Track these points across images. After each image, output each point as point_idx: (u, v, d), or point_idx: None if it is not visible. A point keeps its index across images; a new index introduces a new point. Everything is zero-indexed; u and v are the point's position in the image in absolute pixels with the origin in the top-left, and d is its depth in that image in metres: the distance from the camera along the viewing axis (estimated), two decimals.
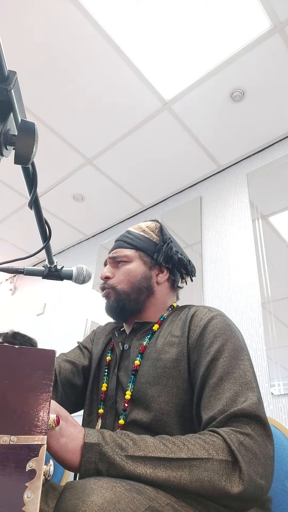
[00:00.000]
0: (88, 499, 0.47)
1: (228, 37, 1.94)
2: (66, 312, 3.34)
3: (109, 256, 0.98)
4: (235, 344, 0.75)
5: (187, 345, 0.79)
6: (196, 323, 0.81)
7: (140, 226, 1.01)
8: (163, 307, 0.94)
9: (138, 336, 0.89)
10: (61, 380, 0.91)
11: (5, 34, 2.00)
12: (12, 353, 0.44)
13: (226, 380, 0.69)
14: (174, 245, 0.97)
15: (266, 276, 2.09)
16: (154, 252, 0.95)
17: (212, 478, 0.57)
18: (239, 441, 0.60)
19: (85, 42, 2.02)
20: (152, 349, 0.83)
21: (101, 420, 0.83)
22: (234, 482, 0.57)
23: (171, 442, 0.61)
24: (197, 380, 0.74)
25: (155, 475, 0.57)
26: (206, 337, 0.77)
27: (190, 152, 2.62)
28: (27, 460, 0.39)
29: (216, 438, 0.61)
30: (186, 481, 0.57)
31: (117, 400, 0.83)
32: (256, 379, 0.72)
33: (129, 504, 0.49)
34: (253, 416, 0.64)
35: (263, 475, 0.60)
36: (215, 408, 0.66)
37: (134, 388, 0.80)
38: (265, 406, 1.75)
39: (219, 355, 0.73)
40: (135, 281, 0.91)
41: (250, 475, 0.58)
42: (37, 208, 0.71)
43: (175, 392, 0.75)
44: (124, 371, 0.86)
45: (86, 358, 0.99)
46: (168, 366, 0.77)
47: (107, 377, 0.89)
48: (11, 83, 0.48)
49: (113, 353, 0.93)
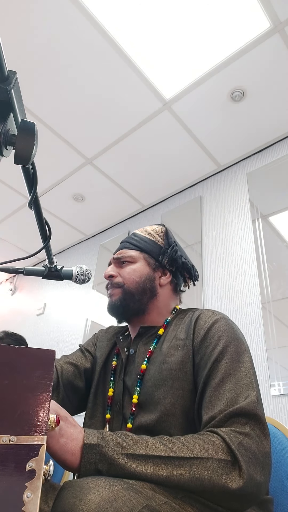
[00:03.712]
0: (85, 497, 0.47)
1: (228, 37, 1.94)
2: (66, 312, 3.34)
3: (113, 256, 0.99)
4: (237, 346, 0.77)
5: (192, 347, 0.80)
6: (201, 326, 0.82)
7: (146, 229, 1.03)
8: (166, 310, 0.95)
9: (144, 340, 0.90)
10: (63, 382, 0.91)
11: (5, 34, 2.00)
12: (12, 353, 0.44)
13: (228, 381, 0.70)
14: (178, 249, 0.99)
15: (266, 276, 2.09)
16: (158, 255, 0.96)
17: (212, 477, 0.58)
18: (238, 441, 0.61)
19: (85, 42, 2.02)
20: (158, 353, 0.84)
21: (108, 425, 0.83)
22: (234, 479, 0.58)
23: (171, 442, 0.62)
24: (200, 381, 0.75)
25: (155, 473, 0.57)
26: (209, 339, 0.78)
27: (190, 152, 2.62)
28: (27, 460, 0.39)
29: (216, 438, 0.62)
30: (186, 480, 0.57)
31: (124, 404, 0.83)
32: (257, 380, 0.74)
33: (126, 502, 0.49)
34: (252, 415, 0.65)
35: (262, 473, 0.61)
36: (216, 408, 0.67)
37: (141, 392, 0.80)
38: (265, 406, 1.75)
39: (221, 356, 0.74)
40: (140, 281, 0.92)
41: (250, 473, 0.59)
42: (37, 208, 0.71)
43: (181, 394, 0.76)
44: (130, 376, 0.86)
45: (88, 361, 0.99)
46: (174, 368, 0.78)
47: (114, 382, 0.89)
48: (11, 83, 0.47)
49: (119, 358, 0.93)
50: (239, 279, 2.22)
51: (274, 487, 0.84)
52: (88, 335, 2.94)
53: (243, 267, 2.24)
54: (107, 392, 0.88)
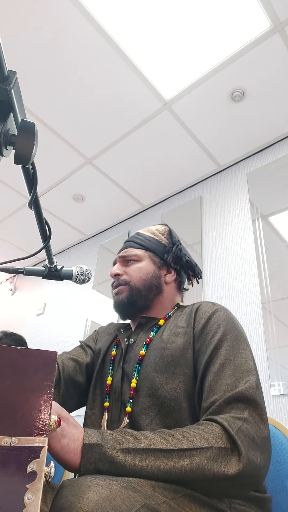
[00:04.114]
0: (84, 495, 0.48)
1: (228, 37, 1.94)
2: (66, 312, 3.34)
3: (118, 255, 1.00)
4: (236, 335, 0.79)
5: (193, 334, 0.82)
6: (201, 315, 0.84)
7: (149, 229, 1.05)
8: (169, 305, 0.97)
9: (144, 330, 0.92)
10: (64, 378, 0.92)
11: (5, 34, 2.00)
12: (14, 354, 0.44)
13: (228, 367, 0.72)
14: (182, 248, 1.01)
15: (266, 276, 2.09)
16: (163, 253, 0.98)
17: (212, 466, 0.59)
18: (237, 427, 0.62)
19: (85, 42, 2.01)
20: (158, 340, 0.86)
21: (107, 413, 0.84)
22: (233, 464, 0.59)
23: (170, 435, 0.62)
24: (200, 367, 0.76)
25: (156, 467, 0.58)
26: (209, 327, 0.80)
27: (190, 152, 2.62)
28: (28, 461, 0.39)
29: (215, 427, 0.63)
30: (187, 471, 0.58)
31: (123, 391, 0.84)
32: (256, 368, 0.75)
33: (125, 501, 0.49)
34: (251, 401, 0.67)
35: (262, 457, 0.62)
36: (216, 393, 0.69)
37: (139, 377, 0.82)
38: (265, 406, 1.74)
39: (221, 343, 0.76)
40: (147, 279, 0.94)
41: (249, 457, 0.60)
42: (37, 208, 0.71)
43: (183, 379, 0.77)
44: (129, 363, 0.87)
45: (89, 356, 1.00)
46: (175, 355, 0.80)
47: (112, 371, 0.90)
48: (11, 83, 0.47)
49: (118, 348, 0.94)
50: (239, 279, 2.22)
51: (274, 487, 0.84)
52: (88, 335, 2.93)
53: (243, 267, 2.24)
54: (105, 381, 0.89)
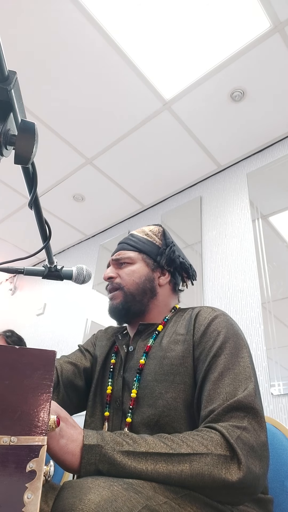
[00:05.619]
0: (85, 497, 0.48)
1: (228, 37, 1.94)
2: (66, 312, 3.34)
3: (112, 258, 0.99)
4: (236, 342, 0.78)
5: (192, 342, 0.81)
6: (201, 321, 0.83)
7: (143, 230, 1.03)
8: (166, 308, 0.96)
9: (143, 337, 0.91)
10: (63, 381, 0.91)
11: (5, 34, 2.00)
12: (13, 354, 0.44)
13: (227, 376, 0.71)
14: (176, 249, 1.00)
15: (266, 276, 2.09)
16: (156, 255, 0.97)
17: (213, 472, 0.58)
18: (237, 435, 0.62)
19: (85, 42, 2.01)
20: (157, 348, 0.85)
21: (108, 423, 0.84)
22: (233, 472, 0.59)
23: (169, 439, 0.62)
24: (199, 375, 0.76)
25: (156, 471, 0.58)
26: (209, 335, 0.79)
27: (190, 152, 2.62)
28: (27, 460, 0.39)
29: (214, 434, 0.63)
30: (187, 476, 0.58)
31: (124, 400, 0.83)
32: (256, 375, 0.75)
33: (126, 502, 0.49)
34: (249, 408, 0.66)
35: (261, 466, 0.62)
36: (215, 402, 0.68)
37: (140, 386, 0.81)
38: (265, 406, 1.75)
39: (220, 351, 0.75)
40: (140, 282, 0.93)
41: (249, 466, 0.60)
42: (37, 208, 0.71)
43: (182, 388, 0.76)
44: (129, 372, 0.86)
45: (87, 360, 0.99)
46: (174, 363, 0.79)
47: (112, 380, 0.89)
48: (11, 83, 0.47)
49: (118, 356, 0.93)
50: (239, 279, 2.22)
51: (274, 487, 0.84)
52: (88, 335, 2.94)
53: (243, 267, 2.24)
54: (105, 390, 0.89)
